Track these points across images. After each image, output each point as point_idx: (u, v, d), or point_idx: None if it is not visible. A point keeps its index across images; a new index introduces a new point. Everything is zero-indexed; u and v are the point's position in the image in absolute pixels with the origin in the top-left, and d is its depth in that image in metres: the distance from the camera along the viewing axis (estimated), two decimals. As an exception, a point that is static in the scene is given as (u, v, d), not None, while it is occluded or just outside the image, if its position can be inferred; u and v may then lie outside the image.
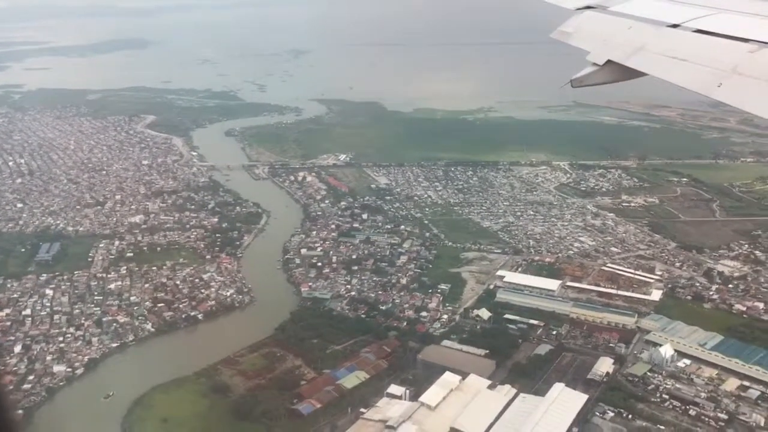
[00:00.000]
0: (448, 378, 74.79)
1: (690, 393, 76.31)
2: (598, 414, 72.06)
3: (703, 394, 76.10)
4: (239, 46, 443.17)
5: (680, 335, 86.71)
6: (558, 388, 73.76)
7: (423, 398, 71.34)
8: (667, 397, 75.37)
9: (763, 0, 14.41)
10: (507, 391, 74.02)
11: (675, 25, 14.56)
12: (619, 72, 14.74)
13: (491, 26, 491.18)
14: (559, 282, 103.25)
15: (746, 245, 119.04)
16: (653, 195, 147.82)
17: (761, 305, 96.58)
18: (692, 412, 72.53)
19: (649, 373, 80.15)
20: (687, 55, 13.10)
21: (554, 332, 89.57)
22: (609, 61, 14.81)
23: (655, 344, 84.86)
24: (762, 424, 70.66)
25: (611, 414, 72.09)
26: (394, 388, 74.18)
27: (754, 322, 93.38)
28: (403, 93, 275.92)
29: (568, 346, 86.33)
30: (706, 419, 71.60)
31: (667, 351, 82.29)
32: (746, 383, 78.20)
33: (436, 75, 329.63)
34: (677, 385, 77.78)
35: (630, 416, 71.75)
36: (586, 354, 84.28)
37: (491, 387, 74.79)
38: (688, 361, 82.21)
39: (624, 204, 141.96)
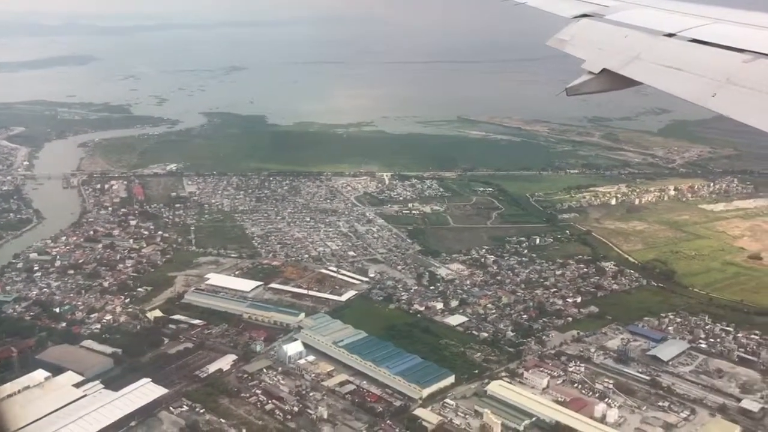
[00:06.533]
0: (35, 375, 75.14)
1: (286, 389, 76.54)
2: (171, 407, 72.11)
3: (297, 390, 76.37)
4: (178, 63, 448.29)
5: (324, 333, 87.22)
6: (141, 383, 74.20)
7: (-14, 394, 71.50)
8: (258, 392, 75.52)
9: (758, 11, 14.48)
10: (90, 387, 74.28)
11: (671, 35, 14.44)
12: (614, 81, 14.61)
13: (471, 46, 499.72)
14: (258, 284, 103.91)
15: (485, 250, 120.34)
16: (444, 204, 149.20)
17: (440, 305, 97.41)
18: (268, 407, 72.62)
19: (265, 370, 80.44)
20: (682, 64, 13.02)
21: (208, 331, 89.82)
22: (604, 70, 14.69)
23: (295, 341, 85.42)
24: (325, 416, 70.85)
25: (185, 408, 72.21)
26: (-24, 386, 74.17)
27: (423, 321, 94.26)
28: (297, 108, 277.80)
29: (208, 344, 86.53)
30: (277, 413, 71.71)
31: (292, 348, 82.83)
32: (351, 378, 78.80)
33: (349, 91, 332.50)
34: (281, 381, 78.06)
35: (203, 410, 71.85)
36: (219, 351, 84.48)
37: (79, 384, 74.95)
38: (312, 358, 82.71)
39: (405, 211, 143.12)
